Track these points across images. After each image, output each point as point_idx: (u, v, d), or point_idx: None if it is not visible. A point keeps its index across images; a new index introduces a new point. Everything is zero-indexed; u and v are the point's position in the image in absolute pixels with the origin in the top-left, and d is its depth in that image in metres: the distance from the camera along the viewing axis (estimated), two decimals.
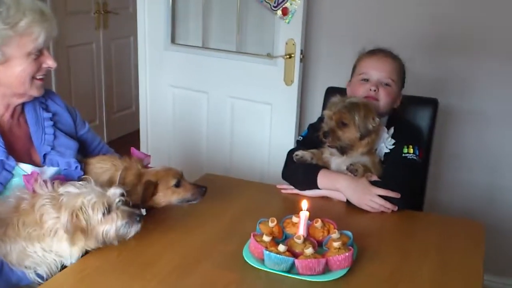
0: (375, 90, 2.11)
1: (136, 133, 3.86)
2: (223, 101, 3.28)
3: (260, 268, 1.50)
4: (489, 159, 2.87)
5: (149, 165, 1.88)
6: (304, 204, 1.62)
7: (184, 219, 1.79)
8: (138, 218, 1.57)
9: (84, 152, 1.93)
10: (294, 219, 1.67)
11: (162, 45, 3.42)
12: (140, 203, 1.73)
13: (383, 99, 2.11)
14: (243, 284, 1.46)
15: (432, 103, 2.32)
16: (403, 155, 2.02)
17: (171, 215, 1.80)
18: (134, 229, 1.56)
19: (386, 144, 2.05)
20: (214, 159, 3.38)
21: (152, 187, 1.74)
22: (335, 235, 1.59)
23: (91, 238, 1.52)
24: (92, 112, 4.91)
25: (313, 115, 3.17)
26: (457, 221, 1.91)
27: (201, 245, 1.65)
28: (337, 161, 2.05)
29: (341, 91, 2.28)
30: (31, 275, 1.51)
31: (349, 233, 1.63)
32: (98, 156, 1.89)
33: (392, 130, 2.07)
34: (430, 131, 2.31)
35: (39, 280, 1.51)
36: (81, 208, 1.49)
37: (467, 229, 1.83)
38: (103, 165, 1.81)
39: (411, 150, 2.03)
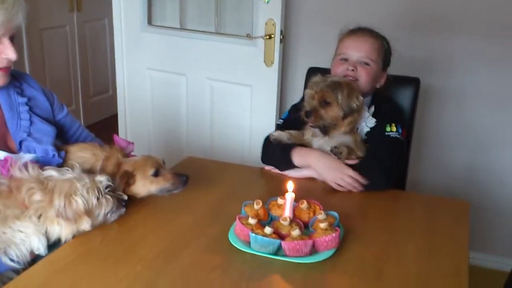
0: (353, 70, 2.10)
1: (114, 117, 3.79)
2: (202, 83, 3.23)
3: (246, 251, 1.48)
4: (470, 137, 2.89)
5: (132, 153, 1.83)
6: (290, 185, 1.60)
7: (167, 202, 1.76)
8: (123, 203, 1.60)
9: (63, 137, 1.87)
10: (280, 201, 1.65)
11: (138, 27, 3.35)
12: None
13: (362, 78, 2.10)
14: (230, 267, 1.44)
15: (414, 82, 2.32)
16: (386, 133, 2.01)
17: (153, 198, 1.76)
18: (118, 213, 1.60)
19: (367, 123, 2.04)
20: (194, 142, 3.35)
21: (128, 177, 1.69)
22: (321, 216, 1.58)
23: (84, 221, 1.52)
24: (68, 97, 4.82)
25: (294, 96, 3.14)
26: (441, 200, 1.92)
27: (185, 228, 1.62)
28: (320, 142, 2.03)
29: (323, 71, 2.26)
30: (4, 259, 1.48)
31: (335, 214, 1.62)
32: (78, 144, 1.83)
33: (372, 108, 2.07)
34: (412, 110, 2.31)
35: (13, 264, 1.48)
36: (76, 192, 1.49)
37: (452, 207, 1.83)
38: (84, 155, 1.75)
39: (394, 129, 2.03)
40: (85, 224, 1.52)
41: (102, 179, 1.56)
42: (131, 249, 1.49)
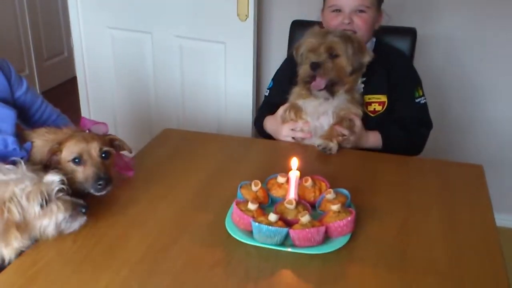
0: (349, 23, 1.90)
1: (73, 81, 3.49)
2: (169, 42, 2.93)
3: (248, 243, 1.26)
4: (460, 87, 2.71)
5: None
6: (294, 162, 1.37)
7: (146, 188, 1.52)
8: (83, 210, 1.28)
9: (23, 116, 1.57)
10: (280, 179, 1.43)
11: None
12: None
13: (361, 30, 1.91)
14: (231, 263, 1.22)
15: (410, 33, 2.11)
16: (416, 100, 1.90)
17: (129, 183, 1.51)
18: (78, 222, 1.28)
19: (357, 88, 1.86)
20: (164, 107, 3.07)
21: (53, 152, 1.39)
22: (330, 195, 1.37)
23: (26, 236, 1.22)
24: (19, 61, 4.44)
25: (272, 54, 2.91)
26: (453, 164, 1.73)
27: (173, 219, 1.39)
28: (313, 103, 1.82)
29: (310, 25, 2.03)
30: None
31: (346, 192, 1.41)
32: (37, 131, 1.49)
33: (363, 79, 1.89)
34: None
35: None
36: (12, 199, 1.19)
37: (465, 173, 1.66)
38: (37, 143, 1.45)
39: (421, 92, 1.92)
40: (14, 242, 1.20)
41: (54, 179, 1.24)
42: (112, 250, 1.25)
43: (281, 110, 1.85)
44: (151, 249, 1.25)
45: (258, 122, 2.06)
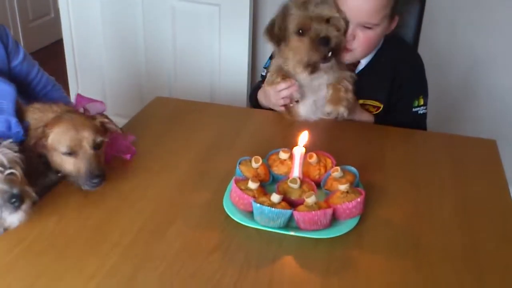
0: (352, 39, 1.63)
1: (60, 43, 3.32)
2: (161, 3, 2.78)
3: (249, 225, 1.16)
4: (465, 57, 2.59)
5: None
6: (303, 137, 1.26)
7: (138, 162, 1.40)
8: (16, 202, 1.07)
9: (17, 87, 1.43)
10: (282, 155, 1.32)
11: None
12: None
13: (360, 46, 1.64)
14: (230, 248, 1.12)
15: (418, 1, 1.97)
16: (414, 109, 1.73)
17: (120, 161, 1.39)
18: (14, 217, 1.09)
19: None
20: (155, 73, 2.94)
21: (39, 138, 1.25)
22: (337, 173, 1.26)
23: None
24: (4, 22, 4.18)
25: (270, 16, 2.75)
26: (465, 140, 1.62)
27: (166, 197, 1.28)
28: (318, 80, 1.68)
29: None
30: None
31: (354, 169, 1.30)
32: (34, 106, 1.34)
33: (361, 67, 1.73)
34: (417, 30, 1.98)
35: None
36: None
37: (478, 148, 1.57)
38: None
39: (422, 102, 1.74)
40: None
41: None
42: (99, 232, 1.14)
43: (268, 75, 1.71)
44: (143, 231, 1.15)
45: (252, 98, 1.92)
